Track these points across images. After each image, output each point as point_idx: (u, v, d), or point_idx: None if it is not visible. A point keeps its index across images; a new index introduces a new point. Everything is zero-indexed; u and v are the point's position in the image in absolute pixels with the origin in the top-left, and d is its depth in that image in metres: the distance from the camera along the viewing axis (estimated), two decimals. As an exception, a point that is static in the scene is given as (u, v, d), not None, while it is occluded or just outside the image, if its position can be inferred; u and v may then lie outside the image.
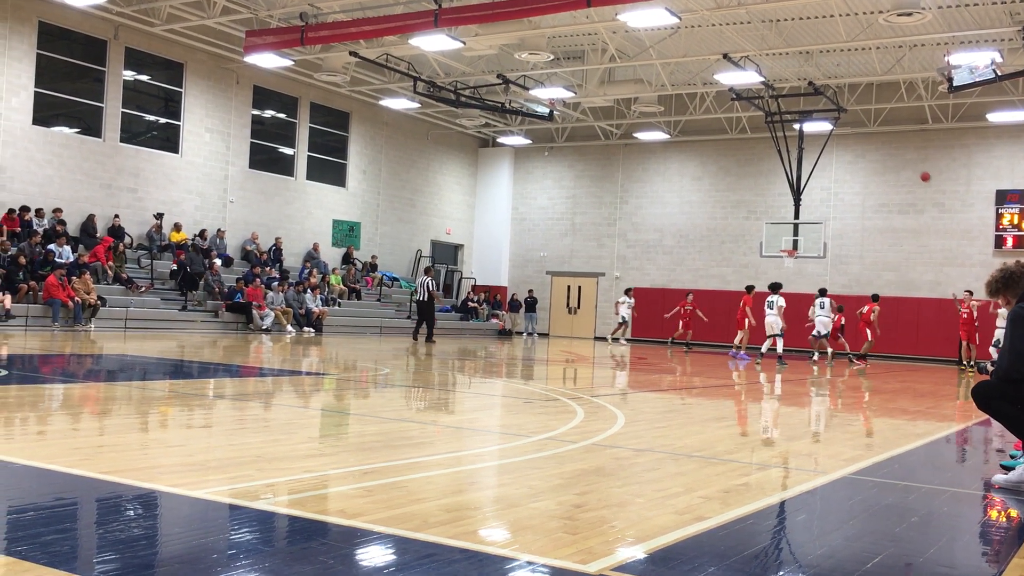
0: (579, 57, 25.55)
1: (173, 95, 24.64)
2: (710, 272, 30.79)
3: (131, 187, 23.39)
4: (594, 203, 33.30)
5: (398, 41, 22.32)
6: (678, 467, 5.69)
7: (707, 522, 4.12)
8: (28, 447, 5.45)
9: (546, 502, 4.36)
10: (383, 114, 30.38)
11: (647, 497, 4.63)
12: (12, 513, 3.86)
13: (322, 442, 6.32)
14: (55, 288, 18.82)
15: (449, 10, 18.70)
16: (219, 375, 11.50)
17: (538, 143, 33.93)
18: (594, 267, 33.13)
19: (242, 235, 26.15)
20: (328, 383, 10.98)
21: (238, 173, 26.10)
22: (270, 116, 27.62)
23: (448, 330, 29.14)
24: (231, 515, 3.94)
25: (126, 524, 3.77)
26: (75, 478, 4.46)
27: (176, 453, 5.42)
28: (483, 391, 11.35)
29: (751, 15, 20.87)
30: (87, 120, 22.70)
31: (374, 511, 3.98)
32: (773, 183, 29.43)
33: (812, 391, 13.87)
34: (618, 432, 7.17)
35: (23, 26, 20.94)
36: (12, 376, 9.83)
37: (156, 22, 22.42)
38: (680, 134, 31.13)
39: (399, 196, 31.87)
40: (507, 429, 7.62)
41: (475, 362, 16.62)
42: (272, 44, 21.25)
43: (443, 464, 5.51)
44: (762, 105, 25.58)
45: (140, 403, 8.06)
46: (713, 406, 10.64)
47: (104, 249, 21.35)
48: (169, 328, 20.83)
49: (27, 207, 20.90)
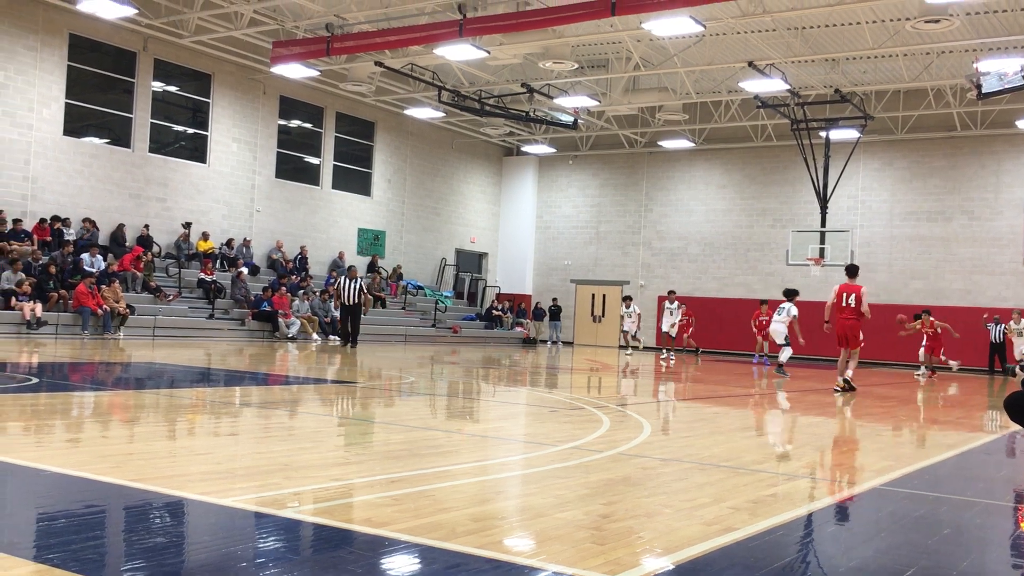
0: (603, 66, 25.55)
1: (201, 106, 24.90)
2: (735, 280, 30.62)
3: (160, 197, 23.64)
4: (619, 211, 33.24)
5: (423, 51, 22.43)
6: (705, 477, 5.65)
7: (736, 533, 4.09)
8: (59, 454, 5.50)
9: (573, 512, 4.34)
10: (408, 123, 30.52)
11: (675, 507, 4.60)
12: (43, 520, 3.90)
13: (348, 450, 6.33)
14: (85, 296, 19.04)
15: (474, 20, 18.77)
16: (246, 383, 11.57)
17: (562, 151, 33.94)
18: (619, 275, 33.06)
19: (268, 244, 26.34)
20: (354, 391, 11.01)
21: (264, 182, 26.31)
22: (296, 126, 27.83)
23: (473, 338, 29.19)
24: (259, 523, 3.95)
25: (155, 532, 3.79)
26: (105, 485, 4.49)
27: (204, 461, 5.45)
28: (508, 400, 11.34)
29: (776, 23, 20.78)
30: (117, 131, 22.98)
31: (401, 520, 3.98)
32: (799, 191, 29.24)
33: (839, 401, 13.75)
34: (644, 441, 7.13)
35: (54, 38, 21.24)
36: (43, 384, 9.94)
37: (184, 34, 22.67)
38: (705, 142, 31.03)
39: (424, 205, 31.98)
40: (533, 438, 7.60)
41: (499, 370, 16.61)
42: (298, 55, 21.42)
43: (469, 473, 5.50)
44: (788, 113, 25.45)
45: (168, 411, 8.12)
46: (739, 416, 10.56)
47: (133, 258, 21.58)
48: (196, 336, 21.00)
49: (58, 217, 21.17)
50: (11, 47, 20.50)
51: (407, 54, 23.30)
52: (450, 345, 26.41)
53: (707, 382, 16.08)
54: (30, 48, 20.84)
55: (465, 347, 25.56)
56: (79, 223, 21.56)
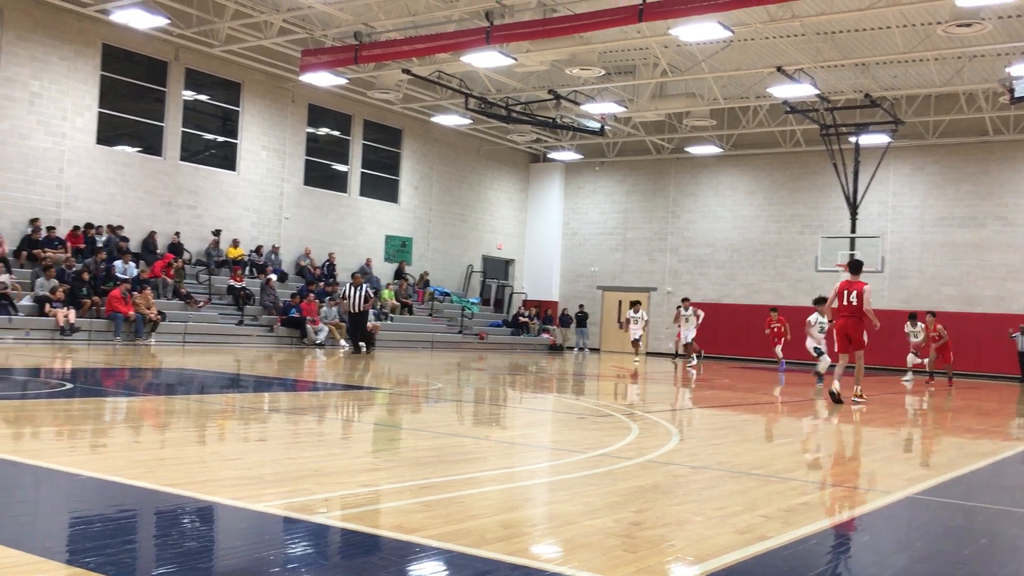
0: (630, 72, 25.50)
1: (231, 114, 25.14)
2: (763, 287, 30.42)
3: (190, 204, 23.88)
4: (646, 218, 33.15)
5: (450, 58, 22.51)
6: (736, 485, 5.60)
7: (769, 542, 4.05)
8: (93, 459, 5.57)
9: (603, 519, 4.32)
10: (435, 130, 30.63)
11: (706, 515, 4.57)
12: (79, 525, 3.95)
13: (378, 456, 6.35)
14: (119, 302, 19.28)
15: (501, 27, 18.81)
16: (274, 389, 11.65)
17: (589, 158, 33.91)
18: (646, 282, 32.95)
19: (296, 251, 26.52)
20: (381, 397, 11.05)
21: (293, 190, 26.51)
22: (324, 134, 28.02)
23: (499, 345, 29.19)
24: (291, 528, 3.97)
25: (188, 536, 3.82)
26: (138, 490, 4.54)
27: (235, 466, 5.49)
28: (536, 406, 11.33)
29: (805, 28, 20.65)
30: (148, 139, 23.25)
31: (432, 526, 3.98)
32: (828, 197, 29.01)
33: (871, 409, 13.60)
34: (674, 449, 7.09)
35: (88, 48, 21.54)
36: (76, 389, 10.06)
37: (215, 43, 22.91)
38: (733, 148, 30.88)
39: (450, 211, 32.07)
40: (561, 445, 7.59)
41: (526, 377, 16.60)
42: (327, 63, 21.57)
43: (498, 480, 5.50)
44: (817, 118, 25.26)
45: (199, 416, 8.19)
46: (769, 423, 10.48)
47: (164, 265, 21.81)
48: (226, 342, 21.17)
49: (91, 224, 21.45)
50: (46, 57, 20.81)
51: (434, 62, 23.40)
52: (477, 352, 26.43)
53: (736, 389, 15.97)
54: (64, 58, 21.15)
55: (492, 354, 25.57)
56: (111, 230, 21.81)
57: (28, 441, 6.16)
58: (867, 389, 13.98)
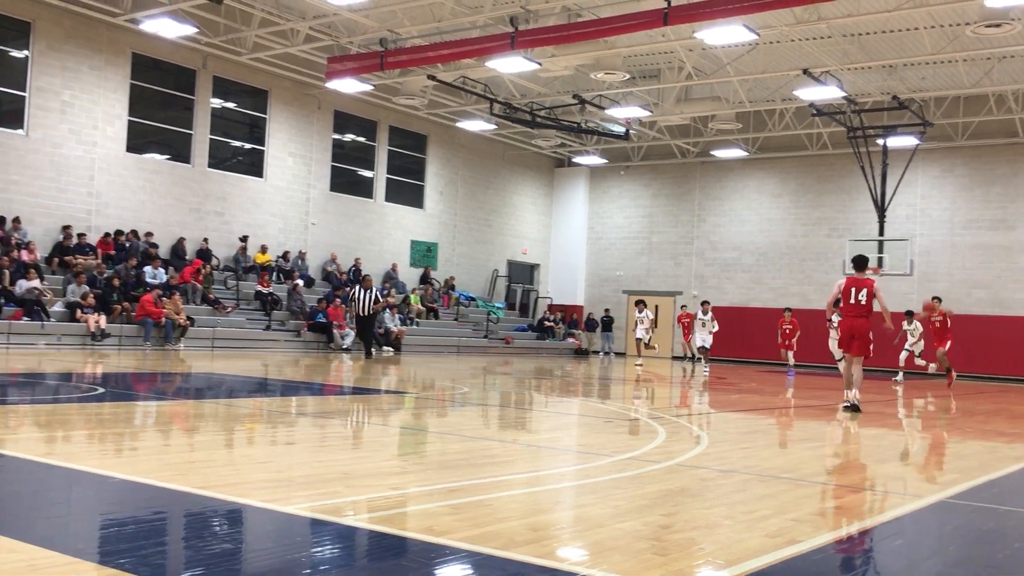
0: (655, 76, 25.46)
1: (258, 121, 25.36)
2: (791, 291, 30.21)
3: (218, 211, 24.11)
4: (671, 222, 33.05)
5: (475, 64, 22.58)
6: (766, 488, 5.57)
7: (800, 546, 4.03)
8: (125, 462, 5.63)
9: (632, 522, 4.31)
10: (460, 136, 30.73)
11: (735, 519, 4.54)
12: (112, 527, 3.99)
13: (406, 459, 6.37)
14: (151, 307, 19.50)
15: (525, 32, 18.85)
16: (302, 393, 11.72)
17: (614, 162, 33.86)
18: (671, 286, 32.83)
19: (323, 256, 26.68)
20: (408, 401, 11.09)
21: (319, 196, 26.68)
22: (350, 140, 28.18)
23: (525, 349, 29.19)
24: (321, 531, 4.00)
25: (220, 538, 3.86)
26: (170, 492, 4.59)
27: (265, 469, 5.53)
28: (562, 410, 11.32)
29: (832, 30, 20.52)
30: (177, 147, 23.50)
31: (461, 529, 3.99)
32: (856, 200, 28.79)
33: (900, 412, 13.47)
34: (702, 452, 7.06)
35: (118, 58, 21.82)
36: (108, 393, 10.18)
37: (242, 51, 23.13)
38: (759, 151, 30.73)
39: (475, 216, 32.13)
40: (588, 448, 7.58)
41: (552, 381, 16.59)
42: (352, 70, 21.71)
43: (527, 483, 5.50)
44: (844, 120, 25.09)
45: (228, 420, 8.25)
46: (798, 426, 10.41)
47: (192, 271, 22.02)
48: (254, 347, 21.33)
49: (121, 231, 21.70)
50: (77, 67, 21.10)
51: (459, 67, 23.48)
52: (502, 356, 26.45)
53: (764, 393, 15.87)
54: (95, 68, 21.44)
55: (517, 358, 25.58)
56: (142, 237, 22.05)
57: (61, 444, 6.24)
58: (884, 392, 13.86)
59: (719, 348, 30.41)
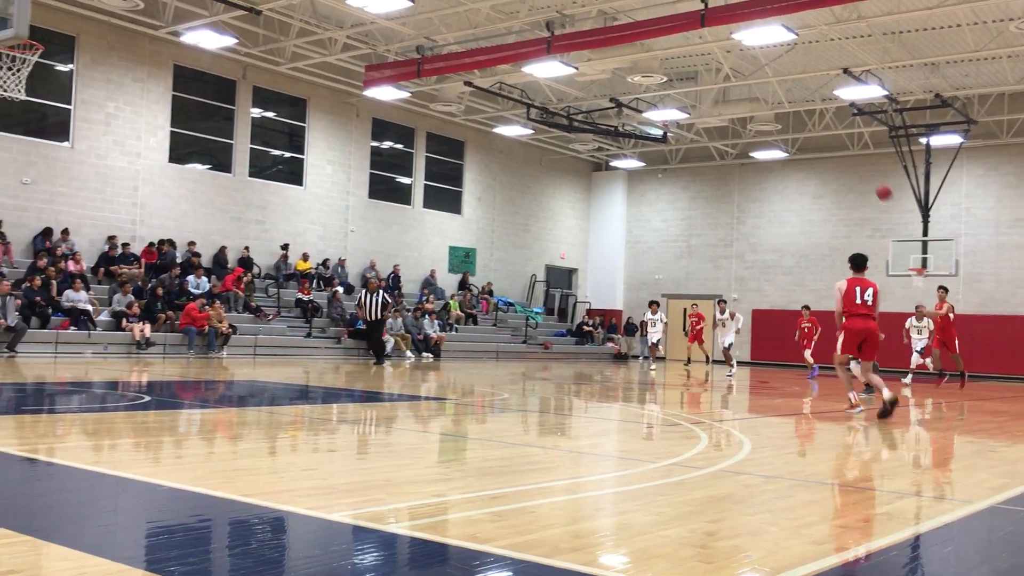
0: (692, 78, 25.31)
1: (297, 130, 25.63)
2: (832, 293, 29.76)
3: (259, 219, 24.39)
4: (710, 224, 32.82)
5: (511, 69, 22.62)
6: (811, 495, 5.50)
7: (847, 553, 3.97)
8: (171, 470, 5.71)
9: (676, 529, 4.28)
10: (497, 141, 30.78)
11: (781, 526, 4.49)
12: (161, 534, 4.05)
13: (448, 466, 6.39)
14: (196, 313, 19.78)
15: (561, 36, 18.85)
16: (343, 400, 11.80)
17: (652, 165, 33.71)
18: (711, 289, 32.58)
19: (362, 263, 26.86)
20: (449, 408, 11.12)
21: (358, 203, 26.88)
22: (388, 147, 28.37)
23: (564, 355, 29.14)
24: (366, 538, 4.02)
25: (267, 546, 3.89)
26: (216, 500, 4.64)
27: (308, 477, 5.58)
28: (603, 416, 11.28)
29: (872, 28, 20.26)
30: (218, 156, 23.82)
31: (505, 536, 3.99)
32: (899, 199, 28.26)
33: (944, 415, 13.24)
34: (745, 458, 6.99)
35: (160, 70, 22.18)
36: (153, 401, 10.33)
37: (281, 61, 23.39)
38: (799, 152, 30.41)
39: (513, 222, 32.17)
40: (630, 454, 7.54)
41: (592, 386, 16.54)
42: (390, 77, 21.85)
43: (569, 490, 5.49)
44: (886, 120, 24.74)
45: (271, 427, 8.34)
46: (842, 431, 10.27)
47: (234, 279, 22.28)
48: (295, 354, 21.51)
49: (164, 240, 22.03)
50: (120, 79, 21.48)
51: (495, 73, 23.54)
52: (541, 361, 26.43)
53: (807, 396, 15.68)
54: (137, 80, 21.81)
55: (556, 363, 25.54)
56: (185, 246, 22.38)
57: (108, 452, 6.34)
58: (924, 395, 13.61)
59: (760, 351, 30.18)
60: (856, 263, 11.51)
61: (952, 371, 18.82)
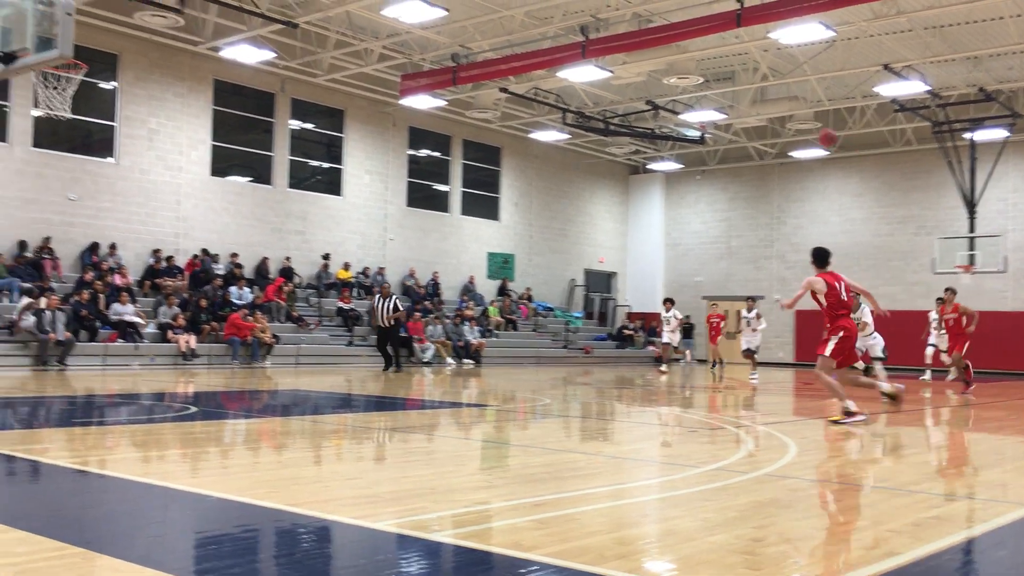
0: (729, 78, 25.12)
1: (335, 141, 25.86)
2: (878, 292, 28.98)
3: (299, 230, 24.64)
4: (750, 225, 32.52)
5: (546, 75, 22.62)
6: (859, 498, 5.42)
7: (899, 558, 3.90)
8: (218, 480, 5.77)
9: (723, 535, 4.24)
10: (533, 147, 30.80)
11: (830, 531, 4.43)
12: (208, 544, 4.09)
13: (491, 474, 6.39)
14: (240, 323, 20.02)
15: (596, 40, 18.81)
16: (385, 408, 11.86)
17: (690, 167, 33.50)
18: (752, 290, 32.22)
19: (402, 271, 27.01)
20: (491, 414, 11.12)
21: (396, 211, 27.04)
22: (425, 155, 28.51)
23: (604, 359, 29.03)
24: (411, 547, 4.03)
25: (312, 555, 3.92)
26: (263, 510, 4.68)
27: (352, 485, 5.61)
28: (645, 420, 11.21)
29: (912, 23, 19.97)
30: (258, 169, 24.12)
31: (549, 544, 3.98)
32: (943, 196, 27.89)
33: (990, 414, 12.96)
34: (791, 462, 6.90)
35: (200, 85, 22.53)
36: (199, 412, 10.46)
37: (318, 73, 23.62)
38: (839, 150, 30.01)
39: (551, 227, 32.15)
40: (674, 459, 7.48)
41: (634, 390, 16.46)
42: (426, 86, 21.97)
43: (613, 496, 5.46)
44: (928, 115, 24.36)
45: (315, 436, 8.40)
46: (890, 433, 10.10)
47: (275, 289, 22.52)
48: (337, 363, 21.68)
49: (207, 251, 22.34)
50: (162, 95, 21.85)
51: (531, 79, 23.56)
52: (582, 366, 26.36)
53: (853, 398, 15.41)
54: (179, 95, 22.16)
55: (597, 367, 25.45)
56: (227, 258, 22.67)
57: (156, 463, 6.43)
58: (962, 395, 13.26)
59: (805, 353, 29.78)
60: (823, 257, 10.67)
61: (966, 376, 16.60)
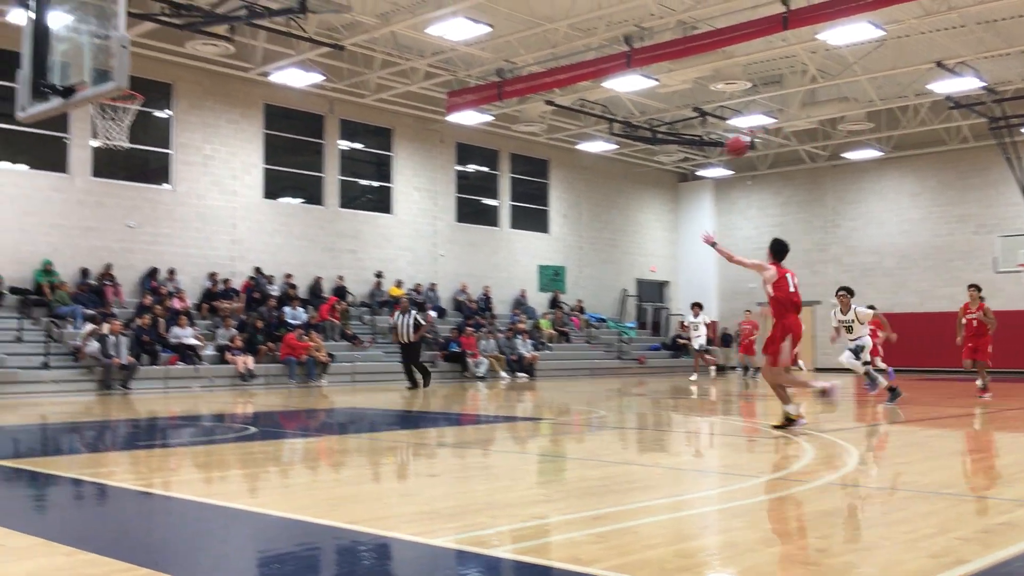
0: (777, 81, 24.84)
1: (384, 159, 26.13)
2: (938, 293, 28.75)
3: (351, 248, 24.91)
4: (804, 229, 32.06)
5: (592, 85, 22.60)
6: (927, 506, 5.29)
7: (969, 566, 3.79)
8: (279, 499, 5.84)
9: (785, 546, 4.17)
10: (581, 158, 30.77)
11: (896, 540, 4.32)
12: (272, 563, 4.14)
13: (547, 488, 6.37)
14: (296, 343, 20.28)
15: (641, 50, 18.76)
16: (440, 424, 11.91)
17: (740, 173, 33.18)
18: (808, 295, 31.58)
19: (453, 286, 27.14)
20: (546, 428, 11.09)
21: (446, 227, 27.20)
22: (473, 170, 28.66)
23: (659, 369, 28.81)
24: (471, 563, 4.03)
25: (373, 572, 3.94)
26: (323, 528, 4.72)
27: (410, 502, 5.63)
28: (702, 430, 11.09)
29: (964, 18, 19.56)
30: (310, 190, 24.47)
31: (608, 558, 3.95)
32: (1003, 193, 27.21)
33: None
34: (854, 469, 6.77)
35: (251, 110, 22.96)
36: (259, 432, 10.61)
37: (366, 93, 23.91)
38: (894, 150, 29.50)
39: (600, 237, 32.06)
40: (733, 469, 7.38)
41: (690, 400, 16.29)
42: (472, 102, 22.11)
43: (671, 508, 5.40)
44: (985, 111, 23.83)
45: (372, 453, 8.46)
46: (955, 438, 9.86)
47: (329, 308, 22.78)
48: (392, 380, 21.80)
49: (261, 272, 22.71)
50: (216, 122, 22.31)
51: (576, 90, 23.55)
52: (636, 376, 26.18)
53: (917, 403, 15.11)
54: (232, 121, 22.61)
55: (652, 377, 25.26)
56: (281, 278, 23.01)
57: (218, 484, 6.53)
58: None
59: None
60: (781, 250, 10.11)
61: None
